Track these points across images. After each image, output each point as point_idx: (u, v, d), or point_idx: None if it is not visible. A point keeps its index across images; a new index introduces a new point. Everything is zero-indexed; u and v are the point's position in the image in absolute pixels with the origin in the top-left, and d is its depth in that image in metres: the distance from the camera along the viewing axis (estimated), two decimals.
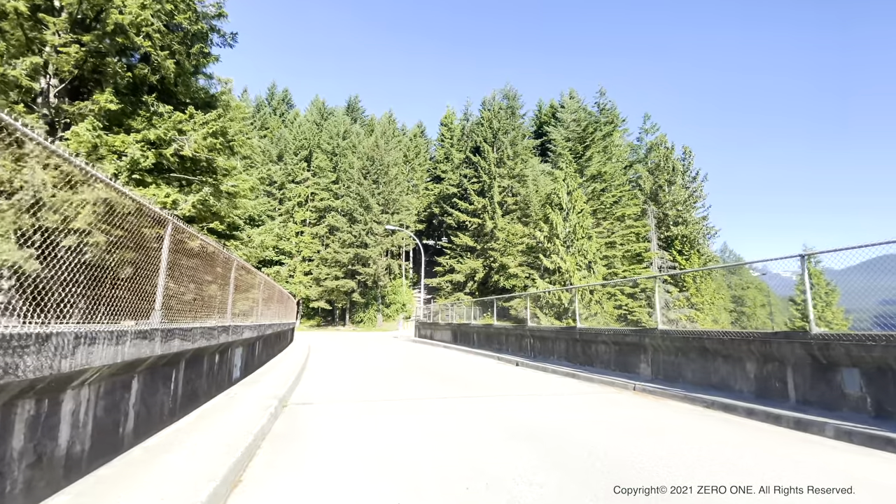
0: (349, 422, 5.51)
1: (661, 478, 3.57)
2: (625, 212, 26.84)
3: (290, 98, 73.49)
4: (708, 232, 32.84)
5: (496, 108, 54.79)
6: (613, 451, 4.29)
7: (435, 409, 6.31)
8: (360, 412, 6.10)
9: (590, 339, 10.10)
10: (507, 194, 50.71)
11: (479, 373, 10.81)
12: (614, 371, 9.32)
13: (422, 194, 62.34)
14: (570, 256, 24.10)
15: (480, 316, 29.90)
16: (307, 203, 57.99)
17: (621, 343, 9.12)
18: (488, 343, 15.78)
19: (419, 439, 4.69)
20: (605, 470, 3.76)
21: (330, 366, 12.20)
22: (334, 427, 5.22)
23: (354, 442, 4.60)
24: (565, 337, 10.90)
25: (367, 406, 6.52)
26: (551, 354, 11.68)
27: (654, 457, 4.13)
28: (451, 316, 21.66)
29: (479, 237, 50.29)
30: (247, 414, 5.15)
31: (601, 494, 3.24)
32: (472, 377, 9.95)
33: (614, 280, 22.93)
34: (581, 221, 24.42)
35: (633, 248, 25.98)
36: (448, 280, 50.10)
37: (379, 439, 4.69)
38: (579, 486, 3.41)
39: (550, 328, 11.86)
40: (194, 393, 5.33)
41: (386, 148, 55.97)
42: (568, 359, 10.92)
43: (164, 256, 4.50)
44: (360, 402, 6.76)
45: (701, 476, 3.61)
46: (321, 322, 54.47)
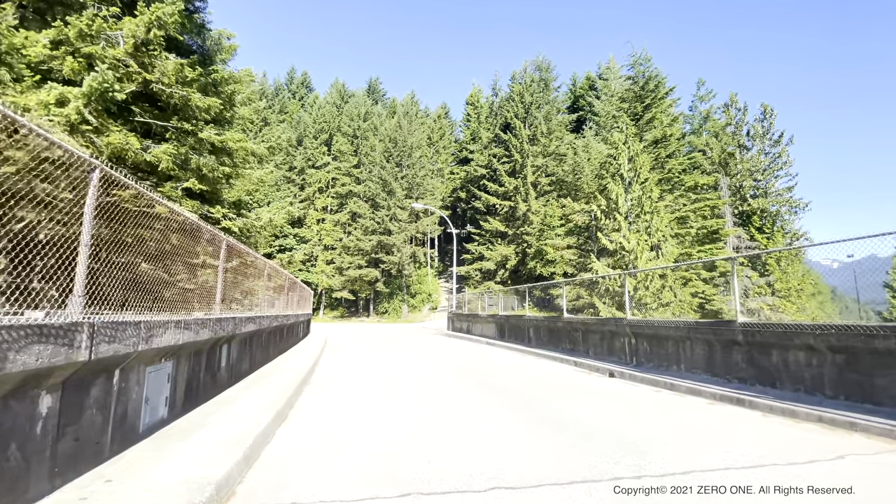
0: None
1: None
2: (697, 181, 22.42)
3: (310, 81, 70.73)
4: (794, 206, 27.70)
5: (528, 80, 50.25)
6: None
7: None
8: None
9: (769, 343, 6.24)
10: (542, 174, 46.37)
11: (575, 394, 7.16)
12: (836, 398, 5.51)
13: (447, 178, 58.56)
14: (633, 234, 19.99)
15: (519, 306, 26.15)
16: (328, 189, 55.25)
17: (857, 351, 5.27)
18: (553, 341, 12.08)
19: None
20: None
21: (344, 378, 8.79)
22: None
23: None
24: (708, 336, 7.02)
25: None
26: (672, 362, 7.88)
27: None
28: (495, 305, 18.02)
29: (510, 221, 46.26)
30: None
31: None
32: (576, 407, 6.31)
33: (693, 260, 18.65)
34: (647, 192, 20.21)
35: (708, 225, 21.58)
36: (477, 268, 46.43)
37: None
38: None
39: (669, 322, 8.01)
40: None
41: (409, 129, 52.38)
42: (712, 371, 7.09)
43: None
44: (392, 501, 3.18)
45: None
46: (344, 313, 51.94)
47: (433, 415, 5.46)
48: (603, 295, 19.84)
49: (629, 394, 6.90)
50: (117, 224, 3.58)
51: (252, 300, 7.57)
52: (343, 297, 49.53)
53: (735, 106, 30.60)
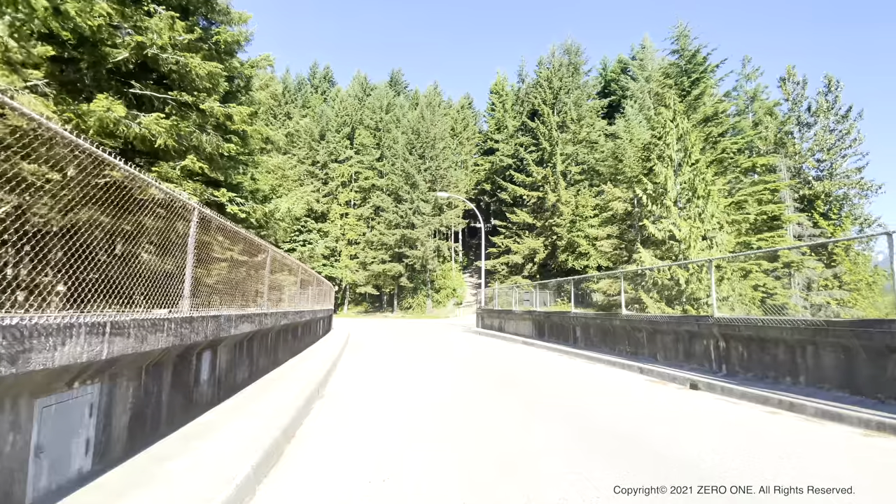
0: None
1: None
2: (755, 161, 19.90)
3: (332, 75, 70.18)
4: (865, 188, 24.51)
5: (556, 65, 47.77)
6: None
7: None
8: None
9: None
10: (572, 162, 44.00)
11: (668, 419, 5.55)
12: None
13: (470, 170, 56.74)
14: (685, 221, 17.88)
15: (552, 301, 24.30)
16: (351, 183, 54.44)
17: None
18: (608, 342, 10.35)
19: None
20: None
21: (365, 389, 7.41)
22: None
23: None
24: (848, 341, 5.15)
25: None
26: (783, 373, 6.09)
27: None
28: (530, 301, 16.36)
29: (538, 213, 44.16)
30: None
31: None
32: (686, 444, 4.71)
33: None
34: (699, 174, 18.03)
35: (768, 211, 19.07)
36: (504, 262, 44.61)
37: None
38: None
39: (781, 321, 6.17)
40: None
41: (432, 119, 50.86)
42: (852, 387, 5.30)
43: None
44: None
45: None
46: (368, 308, 51.19)
47: (481, 452, 3.97)
48: (650, 289, 17.86)
49: (736, 416, 5.21)
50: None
51: (246, 293, 6.24)
52: (367, 292, 48.72)
53: (792, 80, 27.49)
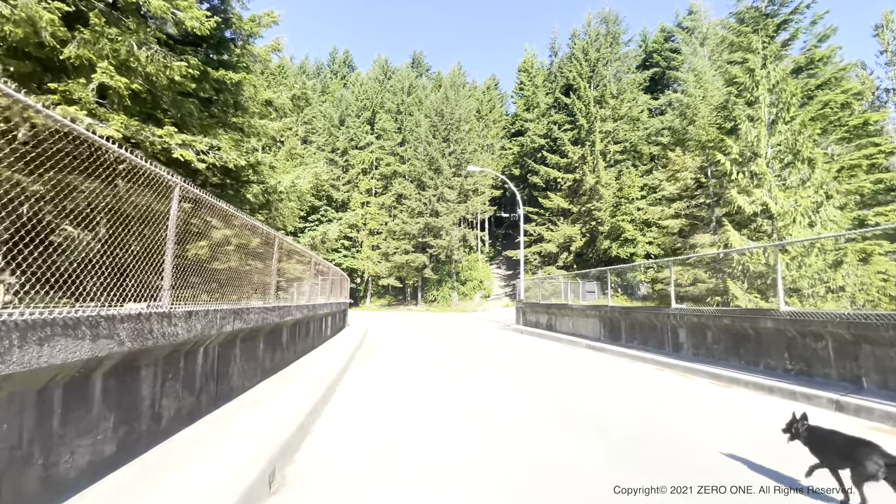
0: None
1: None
2: (868, 117, 15.95)
3: (352, 60, 67.65)
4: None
5: (592, 35, 43.53)
6: None
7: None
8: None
9: None
10: (611, 140, 39.97)
11: None
12: None
13: (497, 154, 53.19)
14: (782, 192, 14.28)
15: (600, 294, 20.95)
16: (372, 170, 51.97)
17: None
18: (746, 355, 7.10)
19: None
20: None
21: (372, 438, 4.55)
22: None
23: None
24: None
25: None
26: None
27: None
28: (593, 293, 13.19)
29: (575, 196, 40.44)
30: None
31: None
32: None
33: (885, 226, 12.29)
34: (801, 131, 14.34)
35: (888, 179, 15.15)
36: (536, 251, 41.18)
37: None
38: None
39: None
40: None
41: (456, 100, 47.55)
42: None
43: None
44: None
45: None
46: (391, 301, 48.85)
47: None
48: (738, 277, 14.37)
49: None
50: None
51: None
52: (390, 284, 46.33)
53: (890, 27, 22.95)
